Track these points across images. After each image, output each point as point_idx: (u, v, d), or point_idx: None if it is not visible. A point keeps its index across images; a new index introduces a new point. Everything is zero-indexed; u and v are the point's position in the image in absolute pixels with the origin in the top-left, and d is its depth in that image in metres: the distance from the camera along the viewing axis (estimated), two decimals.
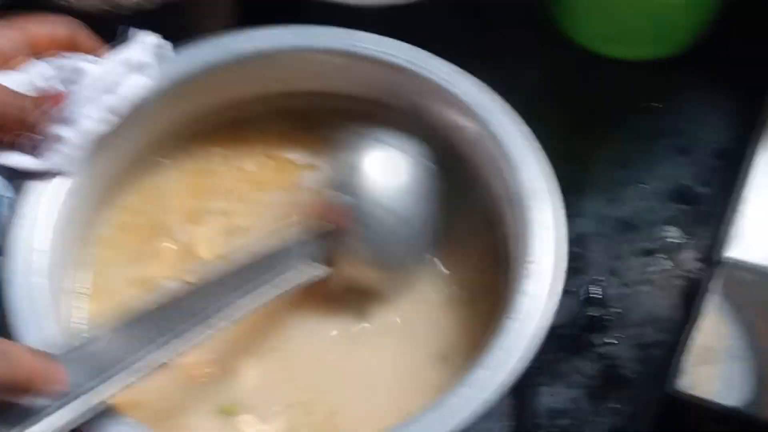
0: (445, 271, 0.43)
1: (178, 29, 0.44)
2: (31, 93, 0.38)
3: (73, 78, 0.39)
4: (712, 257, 0.48)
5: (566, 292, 0.49)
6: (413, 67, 0.43)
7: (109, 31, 0.41)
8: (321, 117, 0.46)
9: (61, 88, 0.39)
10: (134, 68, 0.40)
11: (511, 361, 0.34)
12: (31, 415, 0.31)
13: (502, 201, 0.41)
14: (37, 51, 0.39)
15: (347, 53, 0.44)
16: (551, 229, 0.37)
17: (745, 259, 0.45)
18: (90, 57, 0.40)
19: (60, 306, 0.39)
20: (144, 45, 0.41)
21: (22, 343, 0.34)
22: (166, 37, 0.42)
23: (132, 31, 0.41)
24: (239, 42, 0.44)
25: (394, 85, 0.44)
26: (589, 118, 0.57)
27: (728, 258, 0.45)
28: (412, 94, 0.44)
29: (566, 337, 0.48)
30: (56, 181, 0.39)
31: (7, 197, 0.38)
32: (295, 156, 0.46)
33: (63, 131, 0.38)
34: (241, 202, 0.45)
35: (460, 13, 0.58)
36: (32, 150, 0.38)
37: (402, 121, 0.45)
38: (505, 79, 0.43)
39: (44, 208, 0.38)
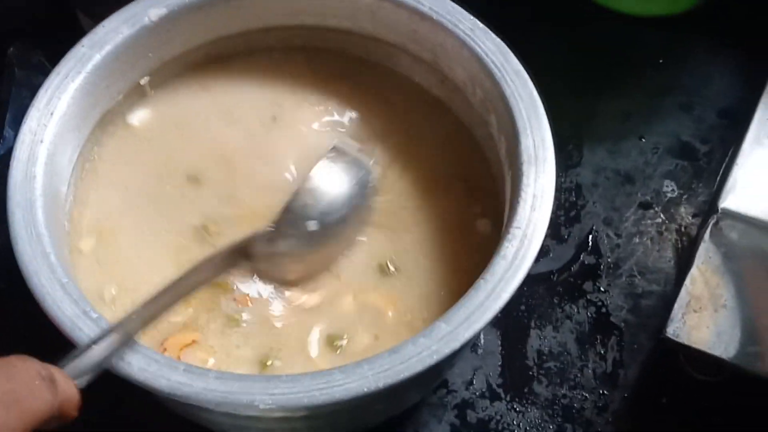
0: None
1: None
2: None
3: None
4: (708, 208, 0.48)
5: (561, 239, 0.50)
6: (437, 17, 0.43)
7: None
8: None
9: None
10: None
11: (471, 320, 0.35)
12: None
13: (503, 164, 0.41)
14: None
15: None
16: (540, 198, 0.38)
17: (740, 210, 0.45)
18: None
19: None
20: None
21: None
22: None
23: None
24: None
25: (417, 32, 0.44)
26: (596, 70, 0.57)
27: (724, 208, 0.45)
28: (434, 44, 0.44)
29: (559, 283, 0.49)
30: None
31: None
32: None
33: None
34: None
35: None
36: None
37: (417, 70, 0.46)
38: (516, 27, 0.42)
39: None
